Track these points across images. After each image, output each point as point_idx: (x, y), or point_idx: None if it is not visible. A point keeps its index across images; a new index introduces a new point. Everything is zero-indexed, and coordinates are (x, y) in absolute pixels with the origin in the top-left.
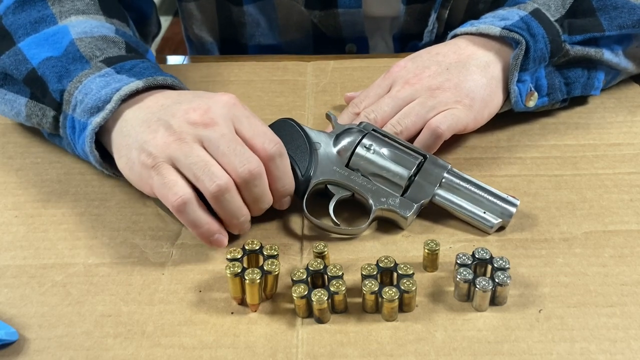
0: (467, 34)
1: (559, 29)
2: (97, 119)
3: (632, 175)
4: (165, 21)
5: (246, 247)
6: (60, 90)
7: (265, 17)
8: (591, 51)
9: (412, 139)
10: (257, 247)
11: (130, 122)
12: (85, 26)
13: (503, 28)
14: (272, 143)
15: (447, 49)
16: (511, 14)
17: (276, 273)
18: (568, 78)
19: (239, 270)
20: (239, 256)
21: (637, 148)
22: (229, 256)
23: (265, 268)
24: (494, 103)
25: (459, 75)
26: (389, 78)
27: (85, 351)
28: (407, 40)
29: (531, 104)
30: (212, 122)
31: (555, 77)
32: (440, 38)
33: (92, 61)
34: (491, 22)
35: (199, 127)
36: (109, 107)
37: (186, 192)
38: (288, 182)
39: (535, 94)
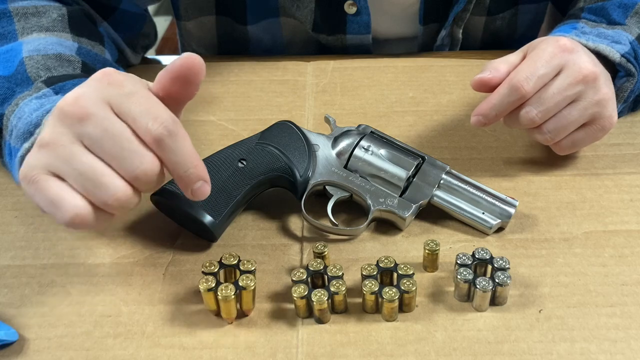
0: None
1: None
2: (27, 145)
3: (632, 175)
4: (165, 21)
5: (223, 262)
6: (0, 114)
7: (269, 36)
8: None
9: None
10: (235, 262)
11: None
12: (40, 43)
13: (622, 55)
14: (156, 123)
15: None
16: (621, 37)
17: (252, 288)
18: (637, 96)
19: (213, 285)
20: (215, 270)
21: (637, 148)
22: (204, 269)
23: (240, 283)
24: None
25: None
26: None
27: (85, 351)
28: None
29: None
30: (86, 113)
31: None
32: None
33: (35, 82)
34: (605, 43)
35: (74, 122)
36: (38, 131)
37: (78, 205)
38: (190, 164)
39: None
